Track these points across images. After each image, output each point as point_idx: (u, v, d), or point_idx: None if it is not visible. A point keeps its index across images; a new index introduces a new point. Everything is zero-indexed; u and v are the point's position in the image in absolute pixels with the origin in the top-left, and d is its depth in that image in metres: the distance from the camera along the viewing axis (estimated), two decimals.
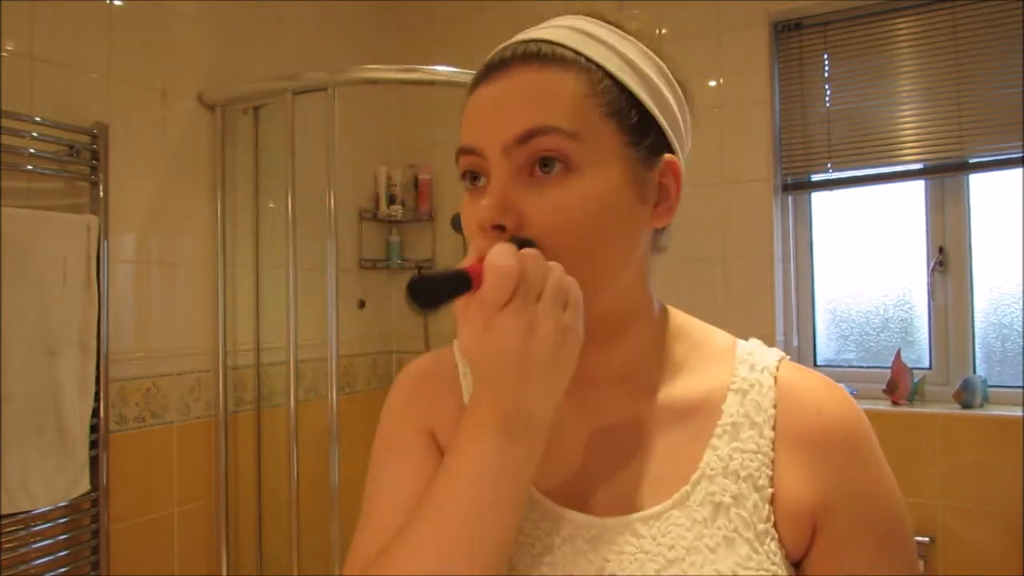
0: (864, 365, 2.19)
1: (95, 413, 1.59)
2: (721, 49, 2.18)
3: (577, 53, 0.54)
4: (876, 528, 0.53)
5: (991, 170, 2.00)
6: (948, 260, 2.07)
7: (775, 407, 0.56)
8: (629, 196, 0.54)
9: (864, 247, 2.21)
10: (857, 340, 2.22)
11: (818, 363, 2.26)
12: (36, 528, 1.51)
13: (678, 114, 0.57)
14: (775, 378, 0.57)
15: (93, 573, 1.61)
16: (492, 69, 0.54)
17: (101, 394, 1.61)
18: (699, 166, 2.20)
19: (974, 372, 2.02)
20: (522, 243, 0.50)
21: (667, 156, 0.56)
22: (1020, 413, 1.85)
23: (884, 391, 2.05)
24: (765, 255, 2.13)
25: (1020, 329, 2.00)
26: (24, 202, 1.51)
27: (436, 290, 0.47)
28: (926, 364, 2.11)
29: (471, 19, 2.53)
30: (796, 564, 0.54)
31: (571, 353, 0.49)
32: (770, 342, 2.14)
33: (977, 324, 2.04)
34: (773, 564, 0.51)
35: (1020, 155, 1.93)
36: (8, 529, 1.45)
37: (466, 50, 2.50)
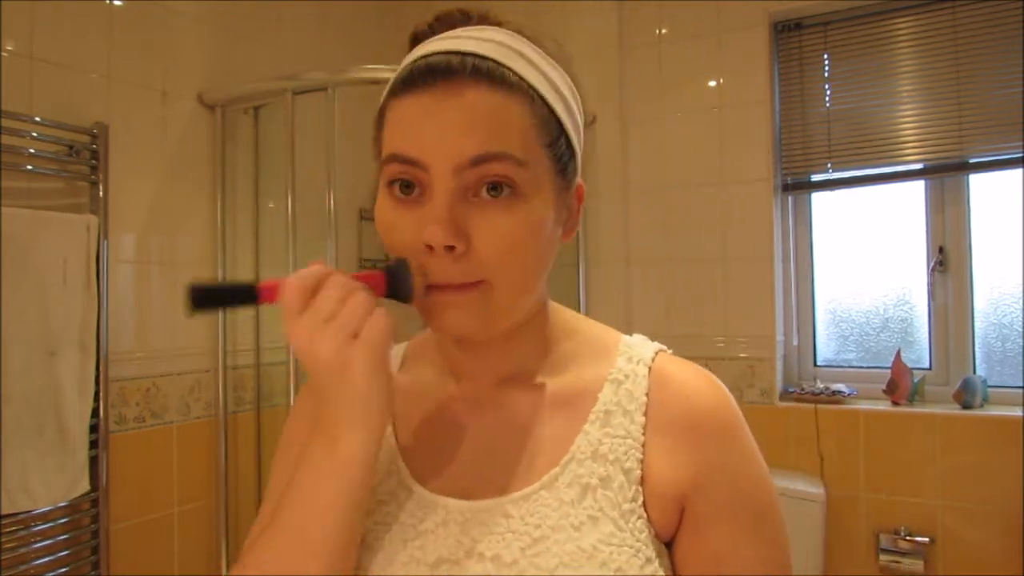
0: (864, 365, 2.19)
1: (95, 413, 1.59)
2: (721, 49, 2.18)
3: (520, 78, 0.54)
4: (741, 509, 0.56)
5: (991, 170, 2.00)
6: (948, 260, 2.07)
7: (647, 395, 0.59)
8: (554, 219, 0.57)
9: (864, 247, 2.22)
10: (857, 340, 2.22)
11: (818, 363, 2.26)
12: (36, 528, 1.51)
13: (583, 136, 0.61)
14: (650, 368, 0.60)
15: (93, 573, 1.61)
16: (434, 76, 0.53)
17: (101, 394, 1.61)
18: (699, 166, 2.21)
19: (974, 372, 2.02)
20: (397, 264, 0.53)
21: (579, 180, 0.60)
22: (1020, 413, 1.85)
23: (884, 391, 2.05)
24: (765, 255, 2.13)
25: (1020, 329, 2.00)
26: (24, 202, 1.51)
27: (213, 297, 0.53)
28: (926, 364, 2.11)
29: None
30: (668, 543, 0.57)
31: (358, 383, 0.51)
32: (770, 342, 2.16)
33: (977, 324, 2.04)
34: (638, 541, 0.53)
35: (1020, 155, 1.93)
36: (8, 529, 1.45)
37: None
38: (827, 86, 2.17)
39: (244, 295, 0.53)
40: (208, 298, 0.52)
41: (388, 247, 0.56)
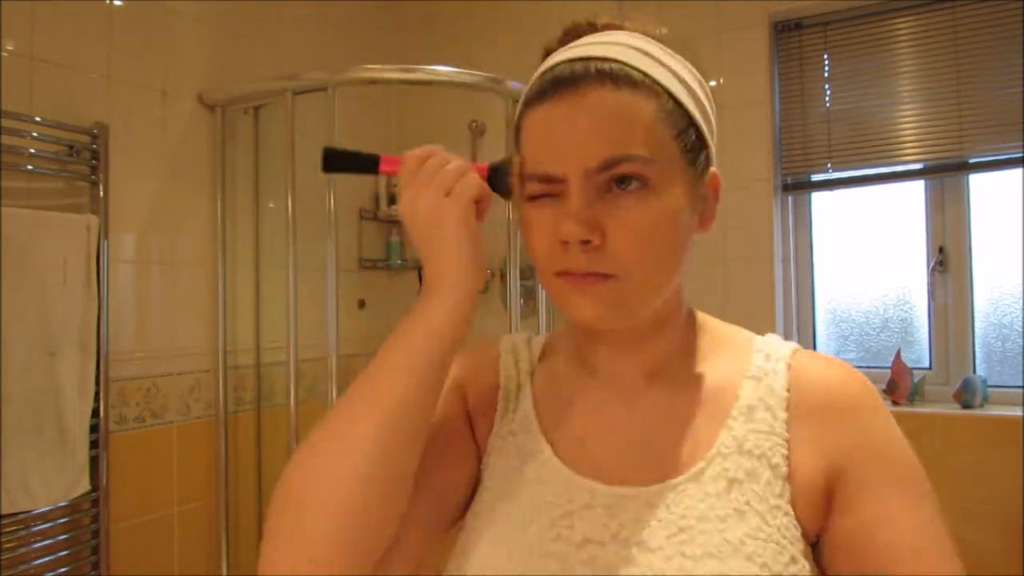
0: (864, 365, 2.19)
1: (95, 413, 1.59)
2: (721, 49, 2.18)
3: (644, 75, 0.57)
4: (891, 477, 0.56)
5: (991, 170, 2.00)
6: (948, 260, 2.07)
7: (788, 391, 0.60)
8: (689, 211, 0.58)
9: (864, 247, 2.21)
10: (857, 340, 2.22)
11: None
12: (36, 528, 1.51)
13: (714, 127, 0.63)
14: (788, 365, 0.62)
15: (93, 573, 1.61)
16: (561, 85, 0.56)
17: (101, 394, 1.61)
18: None
19: (974, 372, 2.02)
20: (501, 162, 0.60)
21: (713, 170, 0.61)
22: (1020, 413, 1.85)
23: (884, 391, 2.05)
24: (765, 255, 2.13)
25: (1020, 329, 2.00)
26: (24, 202, 1.51)
27: (342, 159, 0.63)
28: (926, 364, 2.11)
29: (471, 19, 2.53)
30: (813, 545, 0.56)
31: (448, 231, 0.56)
32: None
33: (977, 324, 2.04)
34: (783, 538, 0.53)
35: (1020, 155, 1.93)
36: (8, 529, 1.45)
37: (466, 50, 2.50)
38: (827, 86, 2.17)
39: (369, 163, 0.62)
40: (337, 160, 0.63)
41: (528, 247, 0.60)
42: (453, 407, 0.65)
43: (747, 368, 0.62)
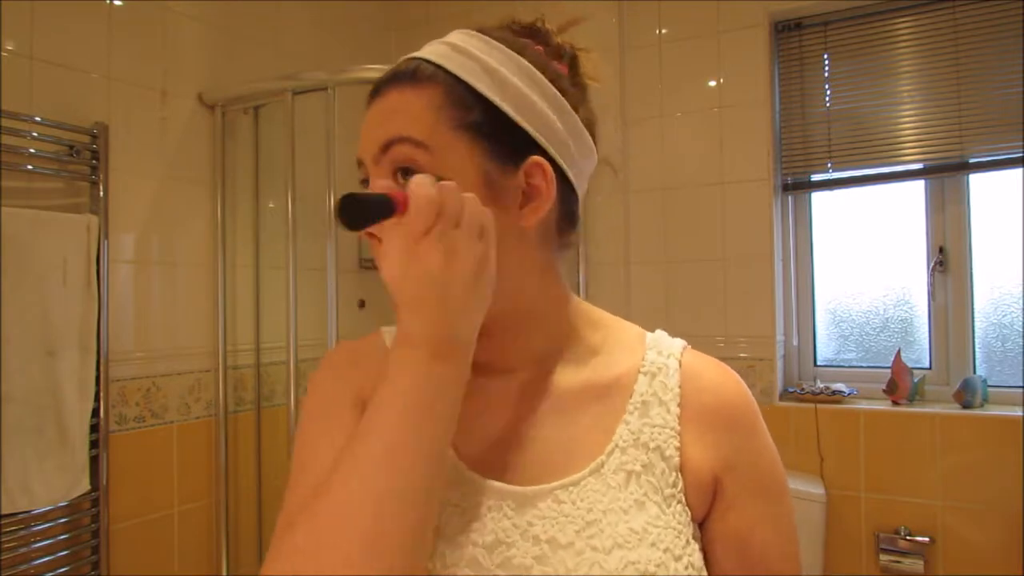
0: (864, 365, 2.19)
1: (95, 413, 1.59)
2: (721, 49, 2.18)
3: (438, 67, 0.58)
4: (763, 490, 0.62)
5: (991, 170, 2.00)
6: (948, 260, 2.07)
7: (680, 387, 0.63)
8: (484, 200, 0.55)
9: (864, 247, 2.22)
10: (857, 340, 2.22)
11: (818, 363, 2.26)
12: (36, 528, 1.51)
13: (551, 117, 0.60)
14: (679, 362, 0.64)
15: (93, 573, 1.61)
16: (372, 94, 0.61)
17: (101, 394, 1.61)
18: (699, 166, 2.21)
19: (974, 372, 2.02)
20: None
21: (531, 158, 0.58)
22: (1020, 413, 1.85)
23: (884, 391, 2.05)
24: (765, 255, 2.13)
25: (1020, 329, 2.00)
26: (24, 202, 1.51)
27: (364, 210, 0.50)
28: (926, 364, 2.11)
29: (471, 19, 2.52)
30: (701, 525, 0.61)
31: (488, 279, 0.53)
32: (770, 342, 2.15)
33: (977, 324, 2.04)
34: (679, 523, 0.58)
35: (1020, 155, 1.93)
36: (8, 529, 1.45)
37: None
38: (827, 86, 2.18)
39: (386, 207, 0.51)
40: (358, 215, 0.50)
41: None
42: (351, 426, 0.60)
43: (640, 363, 0.64)
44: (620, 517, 0.56)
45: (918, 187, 2.12)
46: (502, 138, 0.58)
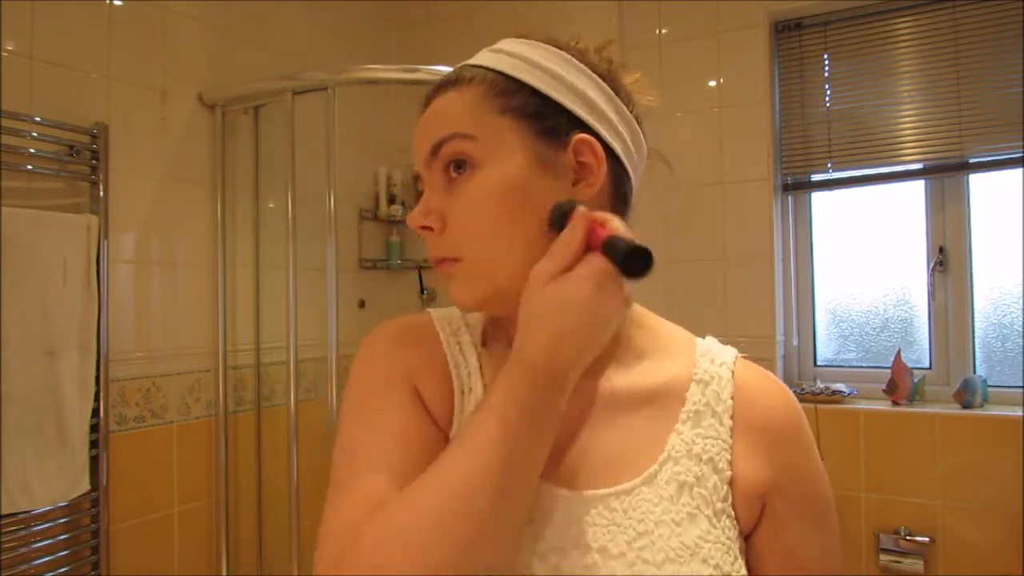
0: (864, 365, 2.19)
1: (95, 413, 1.59)
2: (721, 49, 2.18)
3: (479, 67, 0.61)
4: (811, 506, 0.61)
5: (991, 170, 2.00)
6: (948, 260, 2.07)
7: (732, 399, 0.62)
8: (538, 176, 0.58)
9: (864, 247, 2.21)
10: (857, 340, 2.22)
11: (818, 363, 2.26)
12: (36, 528, 1.51)
13: (594, 95, 0.61)
14: (732, 372, 0.64)
15: (93, 573, 1.61)
16: (422, 105, 0.63)
17: (101, 394, 1.61)
18: (699, 166, 2.21)
19: (974, 372, 2.02)
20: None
21: (578, 135, 0.59)
22: (1020, 413, 1.85)
23: (884, 391, 2.05)
24: (765, 255, 2.13)
25: (1020, 329, 2.00)
26: (24, 202, 1.51)
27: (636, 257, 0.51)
28: (926, 364, 2.11)
29: (471, 19, 2.53)
30: (746, 538, 0.60)
31: (613, 329, 0.54)
32: (770, 342, 2.15)
33: (977, 324, 2.04)
34: (728, 539, 0.57)
35: (1020, 155, 1.93)
36: (8, 529, 1.45)
37: (466, 50, 2.47)
38: (827, 86, 2.17)
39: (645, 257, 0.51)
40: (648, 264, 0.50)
41: None
42: (415, 408, 0.60)
43: (693, 371, 0.63)
44: (672, 530, 0.55)
45: (918, 187, 2.12)
46: (546, 117, 0.59)
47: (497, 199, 0.57)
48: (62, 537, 1.56)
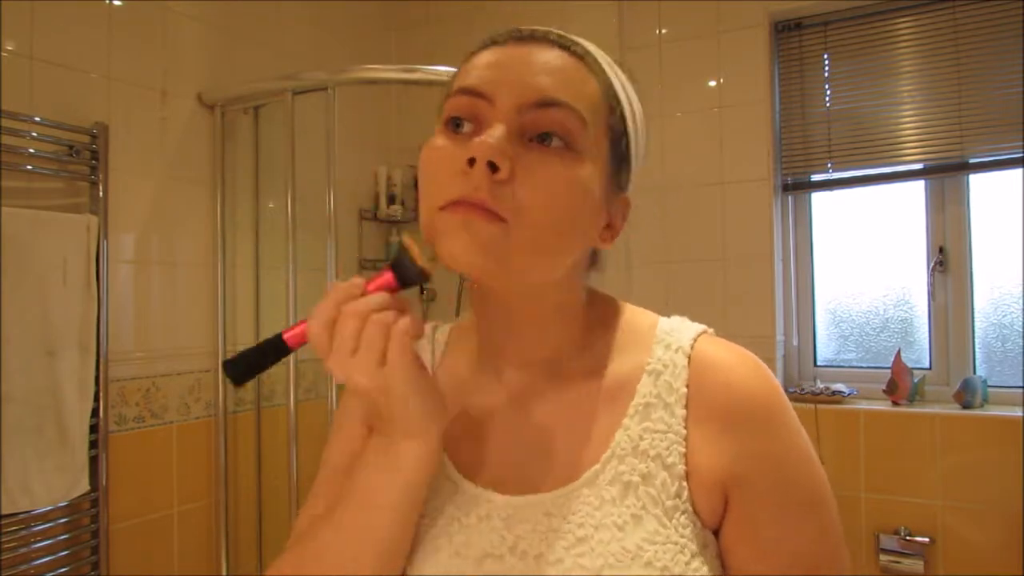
0: (864, 365, 2.19)
1: (95, 413, 1.59)
2: (721, 49, 2.18)
3: (603, 68, 0.57)
4: (787, 496, 0.55)
5: (991, 170, 2.00)
6: (948, 260, 2.07)
7: (687, 386, 0.57)
8: (601, 198, 0.57)
9: (864, 247, 2.21)
10: (857, 340, 2.22)
11: (818, 363, 2.26)
12: (36, 528, 1.51)
13: (635, 155, 0.61)
14: (689, 357, 0.58)
15: (93, 573, 1.61)
16: (518, 35, 0.57)
17: (101, 394, 1.61)
18: (699, 166, 2.21)
19: (974, 372, 2.02)
20: (397, 253, 0.52)
21: (627, 196, 0.61)
22: (1020, 413, 1.85)
23: (884, 391, 2.05)
24: (765, 255, 2.13)
25: (1020, 329, 2.00)
26: (24, 202, 1.51)
27: (248, 363, 0.53)
28: (926, 364, 2.11)
29: (471, 19, 2.53)
30: (716, 532, 0.56)
31: (399, 403, 0.52)
32: (770, 342, 2.15)
33: (977, 324, 2.04)
34: (682, 537, 0.53)
35: (1020, 155, 1.93)
36: (8, 529, 1.45)
37: (466, 50, 2.49)
38: (827, 86, 2.17)
39: (277, 350, 0.53)
40: (246, 367, 0.53)
41: (421, 177, 0.55)
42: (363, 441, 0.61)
43: (646, 361, 0.59)
44: (613, 534, 0.53)
45: (918, 187, 2.12)
46: (620, 163, 0.59)
47: (580, 196, 0.54)
48: (62, 537, 1.56)
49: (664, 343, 0.60)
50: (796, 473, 0.56)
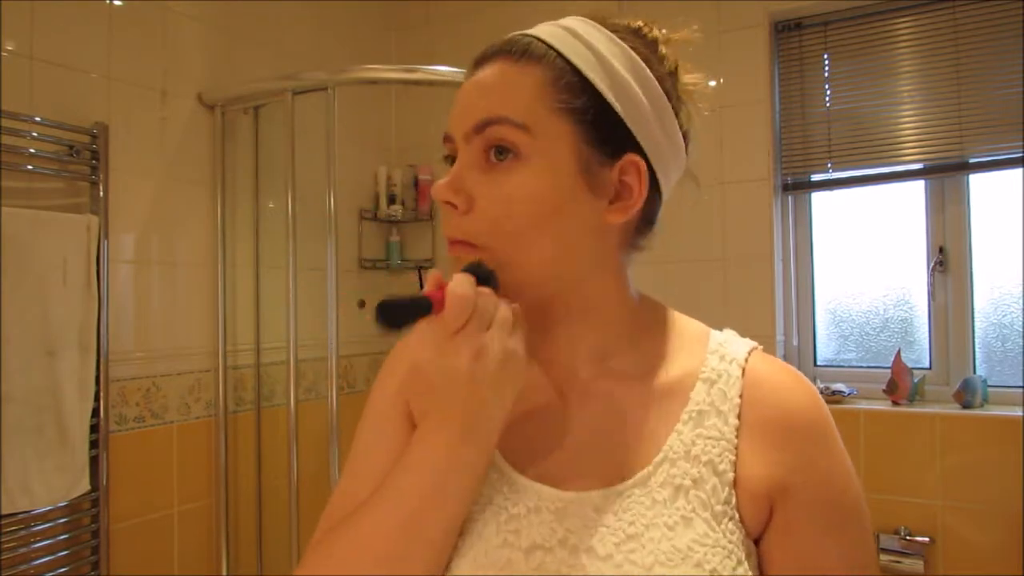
0: (864, 365, 2.19)
1: (95, 413, 1.59)
2: (721, 49, 2.18)
3: (549, 48, 0.57)
4: (829, 511, 0.57)
5: (991, 170, 2.00)
6: (948, 260, 2.07)
7: (741, 396, 0.59)
8: (579, 189, 0.57)
9: (864, 247, 2.21)
10: (857, 340, 2.22)
11: (818, 363, 2.26)
12: (36, 528, 1.51)
13: (652, 116, 0.59)
14: (743, 369, 0.60)
15: (93, 573, 1.61)
16: (475, 63, 0.60)
17: (101, 394, 1.61)
18: (699, 166, 2.19)
19: (974, 372, 2.02)
20: (482, 276, 0.54)
21: (629, 156, 0.58)
22: (1020, 413, 1.85)
23: (884, 391, 2.05)
24: (765, 255, 2.13)
25: (1020, 329, 2.00)
26: (24, 202, 1.51)
27: (402, 313, 0.52)
28: (926, 364, 2.11)
29: (471, 19, 2.53)
30: (758, 541, 0.57)
31: (514, 372, 0.54)
32: (770, 342, 2.16)
33: (977, 324, 2.04)
34: (730, 543, 0.54)
35: (1020, 155, 1.93)
36: (8, 529, 1.45)
37: (466, 50, 2.47)
38: (827, 86, 2.17)
39: (422, 308, 0.52)
40: (396, 317, 0.52)
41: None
42: (397, 439, 0.61)
43: (701, 369, 0.61)
44: (664, 533, 0.53)
45: (918, 187, 2.12)
46: (604, 129, 0.57)
47: (536, 204, 0.55)
48: (62, 537, 1.56)
49: (719, 354, 0.62)
50: (840, 490, 0.58)
